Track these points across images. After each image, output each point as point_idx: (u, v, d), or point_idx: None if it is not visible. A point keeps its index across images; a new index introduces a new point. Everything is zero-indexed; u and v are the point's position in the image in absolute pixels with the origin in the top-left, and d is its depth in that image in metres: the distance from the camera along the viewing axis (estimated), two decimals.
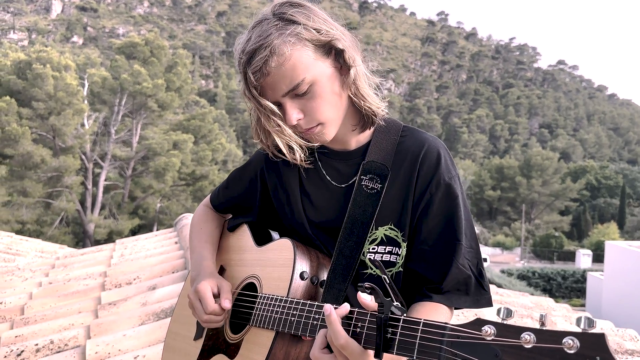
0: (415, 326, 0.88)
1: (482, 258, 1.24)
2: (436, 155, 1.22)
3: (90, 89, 33.60)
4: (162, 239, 4.80)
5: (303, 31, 1.12)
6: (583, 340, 0.70)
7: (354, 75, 1.18)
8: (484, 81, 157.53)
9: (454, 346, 0.82)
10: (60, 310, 3.06)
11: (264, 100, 1.15)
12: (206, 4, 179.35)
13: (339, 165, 1.29)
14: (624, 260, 20.95)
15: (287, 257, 1.22)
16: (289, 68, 1.11)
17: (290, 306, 1.14)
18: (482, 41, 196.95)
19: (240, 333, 1.28)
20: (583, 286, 30.63)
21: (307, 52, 1.12)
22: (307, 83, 1.12)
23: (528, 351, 0.74)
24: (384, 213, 1.21)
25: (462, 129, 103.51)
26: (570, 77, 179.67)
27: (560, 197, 64.21)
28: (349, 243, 1.20)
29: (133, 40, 34.92)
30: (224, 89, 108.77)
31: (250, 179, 1.44)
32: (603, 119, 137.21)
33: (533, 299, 5.39)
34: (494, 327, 0.79)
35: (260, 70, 1.11)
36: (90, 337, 2.58)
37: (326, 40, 1.14)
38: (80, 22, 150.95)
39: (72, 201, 30.99)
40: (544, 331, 0.75)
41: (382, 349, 0.91)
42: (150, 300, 2.98)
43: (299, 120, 1.16)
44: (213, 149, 34.74)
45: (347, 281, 1.19)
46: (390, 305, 0.92)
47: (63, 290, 3.49)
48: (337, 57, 1.17)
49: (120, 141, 35.21)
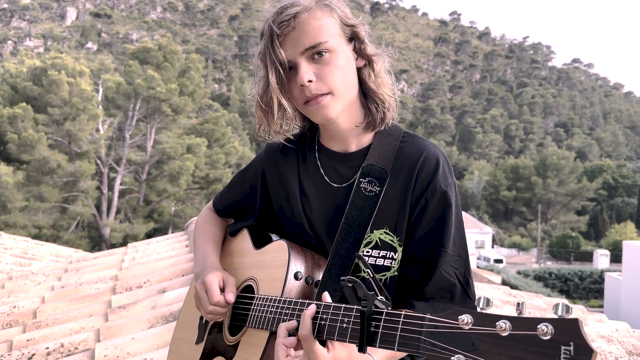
0: (397, 318, 0.88)
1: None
2: (435, 162, 1.23)
3: (104, 94, 33.96)
4: (173, 242, 4.82)
5: (335, 7, 1.21)
6: (557, 326, 0.70)
7: (373, 67, 1.25)
8: (498, 81, 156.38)
9: (433, 336, 0.82)
10: (72, 314, 3.08)
11: (282, 53, 1.17)
12: (218, 9, 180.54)
13: (339, 167, 1.30)
14: None
15: (282, 258, 1.24)
16: (316, 27, 1.17)
17: (284, 306, 1.15)
18: (495, 40, 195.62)
19: (238, 335, 1.29)
20: (601, 287, 30.23)
21: (334, 24, 1.20)
22: (327, 47, 1.17)
23: (504, 339, 0.74)
24: (380, 216, 1.22)
25: (476, 129, 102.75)
26: (586, 75, 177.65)
27: (576, 196, 63.43)
28: (345, 244, 1.21)
29: (146, 46, 35.23)
30: (237, 92, 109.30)
31: (251, 182, 1.46)
32: (619, 117, 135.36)
33: (547, 300, 5.32)
34: (471, 316, 0.79)
35: (289, 22, 1.16)
36: (100, 341, 2.60)
37: (352, 24, 1.22)
38: (94, 29, 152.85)
39: (87, 205, 31.32)
40: (519, 319, 0.74)
41: (366, 342, 0.91)
42: (160, 304, 2.99)
43: (310, 83, 1.17)
44: (226, 152, 34.91)
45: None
46: (374, 299, 0.92)
47: (75, 294, 3.52)
48: (357, 46, 1.24)
49: (134, 146, 35.53)
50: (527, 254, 51.43)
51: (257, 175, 1.44)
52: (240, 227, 1.49)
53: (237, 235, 1.52)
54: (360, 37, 1.23)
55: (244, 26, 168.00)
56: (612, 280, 24.61)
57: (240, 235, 1.50)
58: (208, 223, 1.56)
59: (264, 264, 1.32)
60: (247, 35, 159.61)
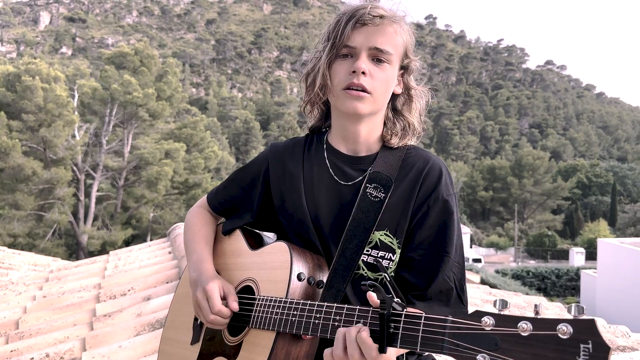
0: (417, 320, 0.93)
1: (468, 269, 1.30)
2: (438, 172, 1.32)
3: (80, 100, 33.47)
4: (155, 249, 4.81)
5: (409, 37, 1.33)
6: (576, 326, 0.75)
7: (412, 99, 1.38)
8: (474, 83, 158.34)
9: (456, 337, 0.87)
10: (55, 324, 3.07)
11: (351, 36, 1.25)
12: (195, 13, 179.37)
13: (345, 167, 1.36)
14: (617, 257, 21.09)
15: (284, 259, 1.27)
16: (392, 37, 1.28)
17: (291, 307, 1.18)
18: (470, 43, 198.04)
19: (240, 335, 1.30)
20: (577, 284, 30.79)
21: (402, 46, 1.31)
22: (389, 58, 1.28)
23: (525, 338, 0.79)
24: (382, 219, 1.28)
25: (453, 131, 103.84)
26: (559, 77, 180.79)
27: (552, 196, 64.54)
28: (350, 245, 1.27)
29: (122, 50, 34.87)
30: (215, 96, 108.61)
31: (252, 178, 1.48)
32: (592, 118, 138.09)
33: (526, 298, 5.44)
34: (492, 318, 0.84)
35: (374, 18, 1.26)
36: (86, 350, 2.59)
37: (411, 57, 1.34)
38: (68, 33, 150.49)
39: (64, 213, 30.78)
40: (539, 319, 0.80)
41: (386, 343, 0.96)
42: (145, 311, 3.00)
43: (363, 73, 1.25)
44: (205, 157, 34.68)
45: (347, 281, 1.25)
46: (392, 302, 0.97)
47: (57, 303, 3.49)
48: (404, 75, 1.36)
49: (111, 151, 35.07)
50: (504, 253, 52.08)
51: (260, 172, 1.46)
52: (235, 226, 1.49)
53: (230, 235, 1.51)
54: (410, 70, 1.36)
55: (221, 30, 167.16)
56: (587, 277, 25.10)
57: (233, 235, 1.50)
58: (202, 223, 1.54)
59: (264, 265, 1.33)
60: (224, 39, 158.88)
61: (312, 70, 1.34)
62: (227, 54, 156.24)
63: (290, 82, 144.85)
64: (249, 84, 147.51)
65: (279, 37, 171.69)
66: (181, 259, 3.85)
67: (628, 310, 18.82)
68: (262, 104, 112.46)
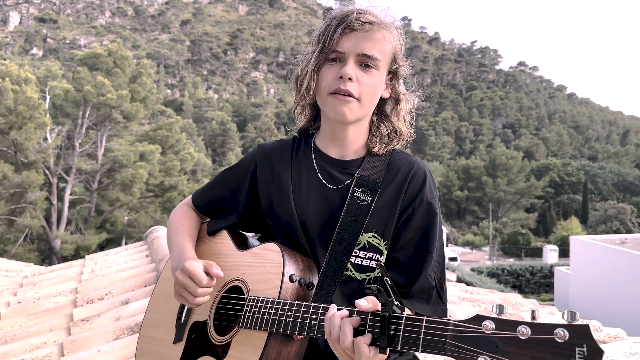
0: (419, 323, 0.97)
1: (446, 268, 1.35)
2: (423, 176, 1.36)
3: (52, 102, 32.83)
4: (132, 253, 4.76)
5: (398, 42, 1.34)
6: (571, 330, 0.80)
7: (399, 104, 1.40)
8: (448, 84, 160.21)
9: (457, 340, 0.91)
10: (31, 329, 3.02)
11: (340, 42, 1.27)
12: (169, 13, 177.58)
13: (333, 171, 1.38)
14: (589, 253, 21.58)
15: (276, 260, 1.28)
16: (380, 42, 1.29)
17: (284, 308, 1.19)
18: (444, 45, 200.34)
19: (228, 335, 1.30)
20: (551, 281, 31.37)
21: (390, 52, 1.32)
22: (376, 64, 1.29)
23: (524, 342, 0.84)
24: (370, 222, 1.31)
25: (428, 131, 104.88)
26: (531, 77, 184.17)
27: (525, 195, 65.73)
28: (339, 248, 1.29)
29: (95, 51, 34.35)
30: (190, 97, 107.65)
31: (239, 179, 1.48)
32: (563, 118, 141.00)
33: (502, 295, 5.55)
34: (493, 322, 0.88)
35: (364, 24, 1.27)
36: (64, 355, 2.56)
37: (399, 63, 1.36)
38: (39, 34, 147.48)
39: (36, 217, 30.16)
40: (536, 324, 0.84)
41: (387, 344, 0.99)
42: (124, 315, 2.97)
43: (350, 79, 1.27)
44: (181, 159, 34.37)
45: (336, 283, 1.28)
46: (393, 305, 1.00)
47: (33, 308, 3.44)
48: (392, 80, 1.38)
49: (84, 154, 34.52)
50: (480, 252, 52.83)
51: (247, 174, 1.46)
52: (221, 227, 1.49)
53: (216, 235, 1.50)
54: (398, 75, 1.38)
55: (195, 31, 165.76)
56: (561, 274, 25.63)
57: (219, 235, 1.50)
58: (185, 219, 1.54)
59: (254, 266, 1.33)
60: (199, 40, 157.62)
61: (301, 73, 1.36)
62: (203, 55, 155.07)
63: (267, 83, 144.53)
64: (225, 85, 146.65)
65: (255, 38, 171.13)
66: (159, 262, 3.83)
67: (600, 305, 19.28)
68: (239, 105, 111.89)
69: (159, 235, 4.62)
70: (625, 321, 14.64)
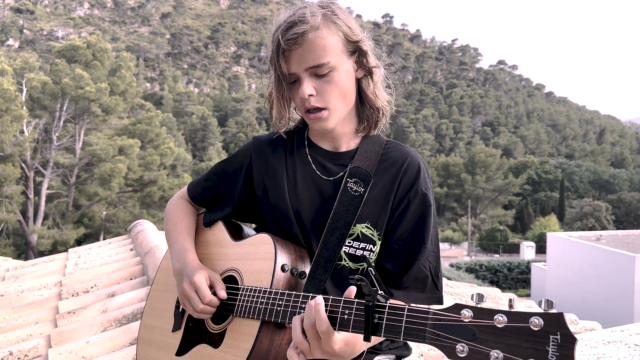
0: (401, 311, 0.99)
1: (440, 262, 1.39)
2: (417, 167, 1.38)
3: (29, 94, 32.24)
4: (116, 247, 4.74)
5: (341, 24, 1.29)
6: (546, 319, 0.83)
7: (373, 78, 1.36)
8: (429, 82, 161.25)
9: (437, 328, 0.93)
10: (16, 322, 3.00)
11: (285, 67, 1.27)
12: (150, 6, 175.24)
13: (326, 163, 1.41)
14: (565, 250, 22.03)
15: (268, 250, 1.31)
16: (320, 46, 1.26)
17: (276, 297, 1.22)
18: (426, 43, 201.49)
19: (223, 323, 1.34)
20: (528, 277, 31.90)
21: (338, 42, 1.29)
22: (329, 67, 1.27)
23: (501, 330, 0.87)
24: (363, 212, 1.34)
25: (409, 128, 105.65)
26: (510, 76, 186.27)
27: (503, 192, 66.63)
28: (332, 238, 1.32)
29: (74, 43, 33.80)
30: (170, 91, 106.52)
31: (234, 170, 1.50)
32: (542, 116, 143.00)
33: (481, 289, 5.66)
34: (471, 310, 0.90)
35: (296, 40, 1.25)
36: (52, 346, 2.56)
37: (355, 39, 1.31)
38: (15, 25, 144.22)
39: (12, 211, 29.62)
40: (513, 312, 0.87)
41: (370, 332, 1.02)
42: (111, 307, 2.97)
43: (311, 96, 1.27)
44: (161, 154, 34.07)
45: (328, 273, 1.30)
46: (376, 294, 1.03)
47: (17, 301, 3.41)
48: (359, 58, 1.34)
49: (62, 148, 33.99)
50: (458, 248, 53.43)
51: (242, 165, 1.48)
52: (217, 218, 1.52)
53: (212, 226, 1.53)
54: (362, 50, 1.33)
55: (176, 24, 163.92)
56: (537, 270, 26.08)
57: (215, 226, 1.52)
58: (183, 214, 1.56)
59: (248, 256, 1.37)
60: (179, 33, 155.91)
61: (269, 97, 1.39)
62: (183, 49, 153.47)
63: (249, 78, 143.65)
64: (205, 79, 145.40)
65: (237, 32, 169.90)
66: (144, 256, 3.82)
67: (576, 299, 19.70)
68: (220, 100, 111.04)
69: (143, 229, 4.60)
70: (600, 315, 14.99)
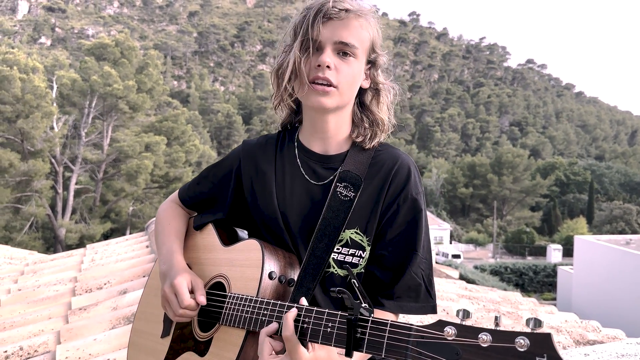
0: (383, 327, 0.94)
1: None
2: (407, 171, 1.33)
3: (59, 91, 32.93)
4: (132, 243, 4.78)
5: (376, 30, 1.34)
6: (533, 339, 0.78)
7: (379, 93, 1.38)
8: (455, 80, 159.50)
9: (420, 345, 0.88)
10: (30, 317, 3.04)
11: (318, 30, 1.26)
12: (177, 4, 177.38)
13: (316, 167, 1.36)
14: (593, 253, 21.52)
15: (256, 257, 1.26)
16: (357, 30, 1.28)
17: (261, 306, 1.18)
18: (453, 41, 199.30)
19: (210, 331, 1.30)
20: (554, 280, 31.36)
21: (368, 40, 1.31)
22: (355, 52, 1.28)
23: (485, 350, 0.82)
24: (352, 218, 1.29)
25: (434, 127, 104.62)
26: (539, 75, 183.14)
27: (530, 193, 65.48)
28: (320, 244, 1.27)
29: (103, 42, 34.36)
30: (196, 89, 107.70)
31: (224, 174, 1.47)
32: (571, 117, 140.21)
33: (501, 293, 5.54)
34: (454, 328, 0.86)
35: (340, 12, 1.27)
36: (61, 342, 2.58)
37: (378, 52, 1.35)
38: (47, 23, 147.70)
39: (42, 206, 30.33)
40: (498, 332, 0.82)
41: (352, 347, 0.97)
42: (121, 305, 2.99)
43: (328, 67, 1.26)
44: (186, 151, 34.42)
45: (316, 280, 1.26)
46: (360, 307, 0.98)
47: (32, 296, 3.46)
48: (371, 70, 1.36)
49: (90, 144, 34.61)
50: (483, 249, 52.76)
51: (232, 169, 1.45)
52: (207, 221, 1.49)
53: (202, 229, 1.50)
54: (377, 64, 1.36)
55: (203, 22, 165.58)
56: (564, 273, 25.56)
57: (205, 230, 1.49)
58: (172, 217, 1.54)
59: (236, 262, 1.33)
60: (206, 32, 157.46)
61: (281, 65, 1.32)
62: (210, 47, 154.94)
63: None
64: (231, 77, 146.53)
65: (263, 30, 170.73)
66: None
67: (602, 305, 19.23)
68: (245, 98, 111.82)
69: None
70: (626, 322, 14.60)
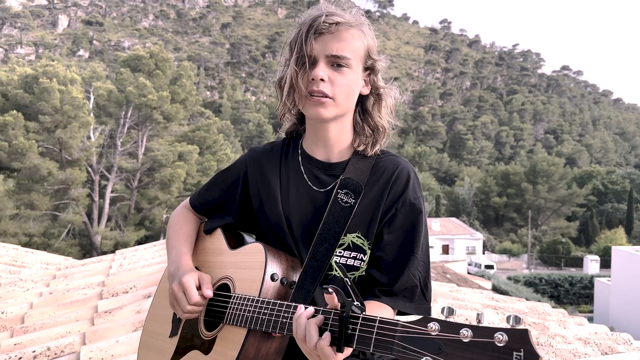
0: (372, 323, 0.98)
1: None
2: (406, 177, 1.38)
3: (95, 102, 33.92)
4: (160, 249, 4.89)
5: (370, 37, 1.38)
6: (511, 335, 0.82)
7: (380, 99, 1.41)
8: (488, 88, 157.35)
9: (405, 340, 0.93)
10: (59, 319, 3.15)
11: (311, 46, 1.30)
12: (210, 16, 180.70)
13: (319, 174, 1.41)
14: (631, 265, 20.83)
15: (259, 260, 1.32)
16: (348, 42, 1.32)
17: (262, 306, 1.24)
18: (485, 48, 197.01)
19: (214, 330, 1.36)
20: (591, 292, 30.43)
21: (361, 48, 1.35)
22: (348, 62, 1.32)
23: (466, 344, 0.86)
24: (353, 222, 1.34)
25: (467, 135, 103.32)
26: (575, 82, 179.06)
27: (566, 202, 63.86)
28: (321, 248, 1.32)
29: (138, 53, 35.27)
30: (229, 99, 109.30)
31: (232, 181, 1.53)
32: (609, 124, 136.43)
33: (529, 304, 5.43)
34: (438, 323, 0.90)
35: (330, 26, 1.31)
36: (85, 344, 2.67)
37: (374, 58, 1.39)
38: (86, 36, 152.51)
39: (78, 213, 31.20)
40: (479, 327, 0.86)
41: (344, 343, 1.01)
42: (144, 308, 3.06)
43: (322, 80, 1.30)
44: (218, 160, 34.92)
45: (316, 283, 1.30)
46: (351, 305, 1.02)
47: (62, 299, 3.58)
48: (370, 76, 1.40)
49: (126, 153, 35.47)
50: (517, 260, 51.65)
51: (239, 175, 1.51)
52: (217, 225, 1.55)
53: (212, 234, 1.56)
54: (375, 70, 1.40)
55: (235, 34, 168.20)
56: (601, 285, 24.81)
57: (215, 234, 1.56)
58: (183, 222, 1.60)
59: (241, 265, 1.40)
60: (239, 43, 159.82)
61: (281, 78, 1.40)
62: (242, 58, 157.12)
63: None
64: (262, 87, 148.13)
65: None
66: None
67: None
68: (275, 107, 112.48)
69: None
70: None
